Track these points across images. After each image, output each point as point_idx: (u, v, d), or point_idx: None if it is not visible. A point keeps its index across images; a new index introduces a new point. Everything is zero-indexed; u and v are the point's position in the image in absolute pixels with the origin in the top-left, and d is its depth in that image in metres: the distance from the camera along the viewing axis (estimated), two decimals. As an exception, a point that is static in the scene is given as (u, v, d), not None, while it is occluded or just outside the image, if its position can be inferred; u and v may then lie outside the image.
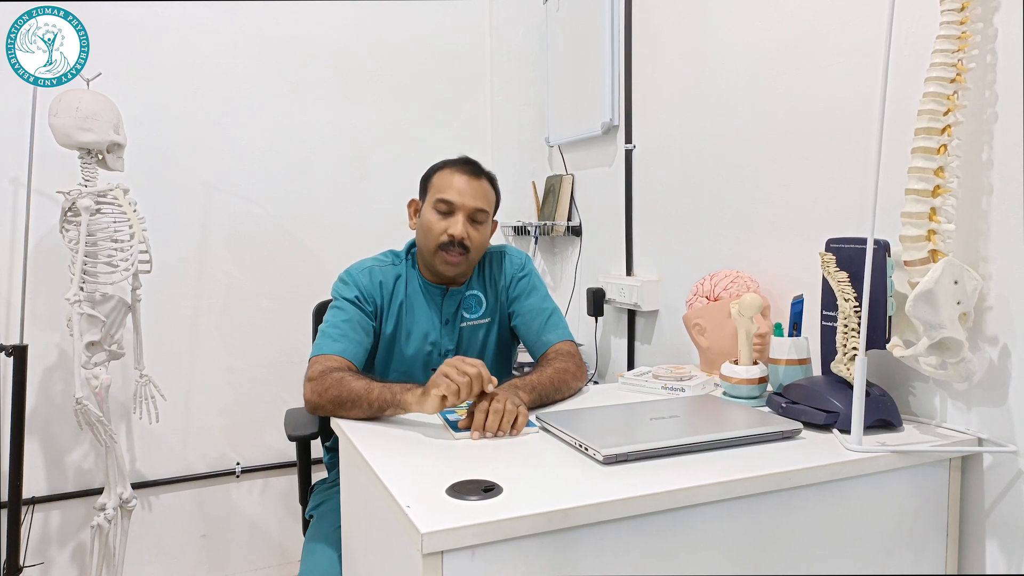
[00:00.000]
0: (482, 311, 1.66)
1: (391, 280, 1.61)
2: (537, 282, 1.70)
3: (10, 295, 2.17)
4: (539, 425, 1.24)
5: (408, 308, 1.61)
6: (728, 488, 1.00)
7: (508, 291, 1.68)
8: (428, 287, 1.63)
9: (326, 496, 1.65)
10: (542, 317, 1.64)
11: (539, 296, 1.68)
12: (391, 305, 1.60)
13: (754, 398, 1.39)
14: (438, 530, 0.85)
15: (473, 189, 1.57)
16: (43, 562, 2.25)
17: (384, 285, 1.60)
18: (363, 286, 1.58)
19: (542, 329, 1.63)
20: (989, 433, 1.18)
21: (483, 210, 1.58)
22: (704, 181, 1.86)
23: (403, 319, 1.61)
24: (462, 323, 1.64)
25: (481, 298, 1.66)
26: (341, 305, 1.56)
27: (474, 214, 1.57)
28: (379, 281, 1.60)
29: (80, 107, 1.89)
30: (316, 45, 2.52)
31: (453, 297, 1.64)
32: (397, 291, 1.61)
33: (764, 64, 1.64)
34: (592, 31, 2.29)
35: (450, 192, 1.56)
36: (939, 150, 1.13)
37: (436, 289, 1.63)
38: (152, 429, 2.27)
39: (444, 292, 1.63)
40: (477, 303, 1.66)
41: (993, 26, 1.15)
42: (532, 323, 1.64)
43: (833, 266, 1.25)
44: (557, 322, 1.65)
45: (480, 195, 1.58)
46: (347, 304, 1.55)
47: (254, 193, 2.46)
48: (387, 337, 1.60)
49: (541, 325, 1.63)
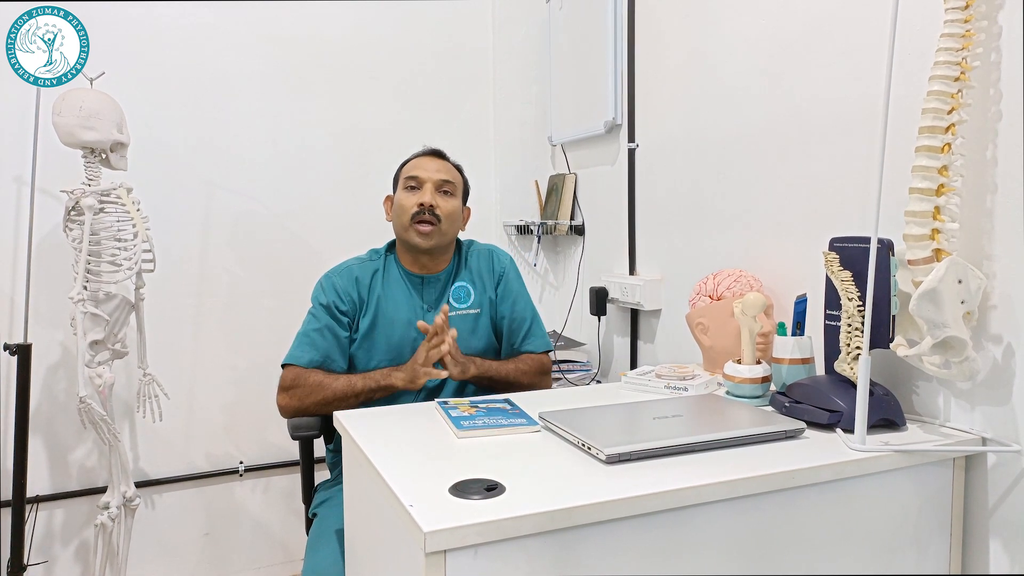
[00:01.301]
0: (471, 301, 1.75)
1: (368, 276, 1.73)
2: (520, 287, 1.82)
3: (14, 294, 2.17)
4: (542, 424, 1.24)
5: (386, 299, 1.71)
6: (731, 487, 1.00)
7: (496, 289, 1.78)
8: (408, 276, 1.74)
9: (329, 495, 1.66)
10: (524, 325, 1.78)
11: (521, 304, 1.80)
12: (369, 299, 1.71)
13: (757, 397, 1.39)
14: (441, 529, 0.85)
15: (438, 166, 1.73)
16: (47, 560, 2.26)
17: (360, 281, 1.72)
18: (340, 287, 1.70)
19: (522, 336, 1.77)
20: (993, 432, 1.18)
21: (449, 181, 1.72)
22: (707, 180, 1.86)
23: (382, 309, 1.71)
24: (451, 312, 1.70)
25: (470, 289, 1.76)
26: (315, 312, 1.70)
27: (440, 185, 1.70)
28: (355, 277, 1.72)
29: (83, 106, 1.89)
30: (319, 44, 2.52)
31: (433, 284, 1.74)
32: (374, 285, 1.72)
33: (767, 62, 1.63)
34: (595, 29, 2.28)
35: (416, 170, 1.71)
36: (943, 148, 1.13)
37: (416, 278, 1.74)
38: (155, 428, 2.27)
39: (423, 280, 1.74)
40: (466, 294, 1.75)
41: (997, 24, 1.14)
42: (512, 327, 1.78)
43: (836, 265, 1.25)
44: (536, 330, 1.80)
45: (445, 170, 1.73)
46: (320, 310, 1.69)
47: (257, 192, 2.46)
48: (367, 329, 1.70)
49: (522, 332, 1.78)
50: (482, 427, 1.22)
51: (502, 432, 1.21)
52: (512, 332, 1.77)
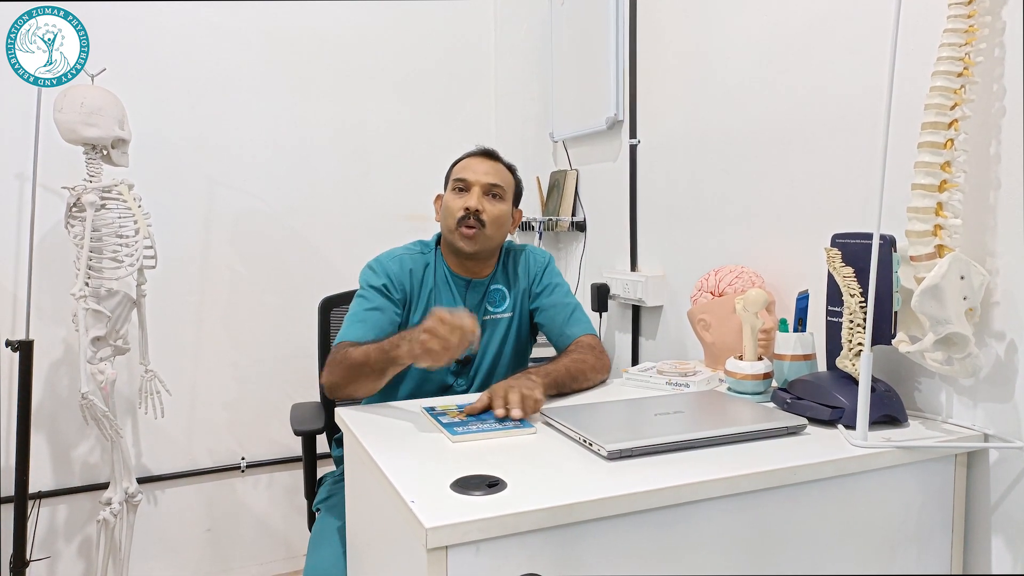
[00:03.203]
0: (506, 305, 1.69)
1: (420, 268, 1.65)
2: (560, 280, 1.75)
3: (16, 290, 2.17)
4: (543, 420, 1.24)
5: (436, 296, 1.65)
6: (733, 484, 1.00)
7: (532, 287, 1.71)
8: (453, 277, 1.67)
9: (333, 490, 1.66)
10: (566, 312, 1.69)
11: (562, 292, 1.72)
12: (421, 292, 1.64)
13: (759, 394, 1.39)
14: (442, 525, 0.85)
15: (487, 168, 1.64)
16: (49, 556, 2.26)
17: (414, 273, 1.64)
18: (393, 273, 1.61)
19: (565, 323, 1.67)
20: (995, 429, 1.17)
21: (498, 185, 1.63)
22: (709, 176, 1.85)
23: (432, 305, 1.63)
24: (485, 316, 1.66)
25: (505, 293, 1.70)
26: (365, 294, 1.59)
27: (489, 189, 1.62)
28: (409, 269, 1.63)
29: (85, 103, 1.89)
30: (320, 41, 2.51)
31: (476, 289, 1.67)
32: (427, 279, 1.65)
33: (769, 58, 1.63)
34: (596, 26, 2.28)
35: (465, 172, 1.63)
36: (946, 145, 1.12)
37: (461, 280, 1.67)
38: (157, 424, 2.28)
39: (468, 284, 1.67)
40: (501, 297, 1.69)
41: (1001, 19, 1.14)
42: (556, 318, 1.68)
43: (838, 261, 1.24)
44: (580, 317, 1.69)
45: (494, 173, 1.64)
46: (372, 292, 1.59)
47: (258, 189, 2.46)
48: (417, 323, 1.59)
49: (565, 320, 1.67)
50: (476, 431, 1.19)
51: (496, 435, 1.18)
52: (556, 320, 1.67)
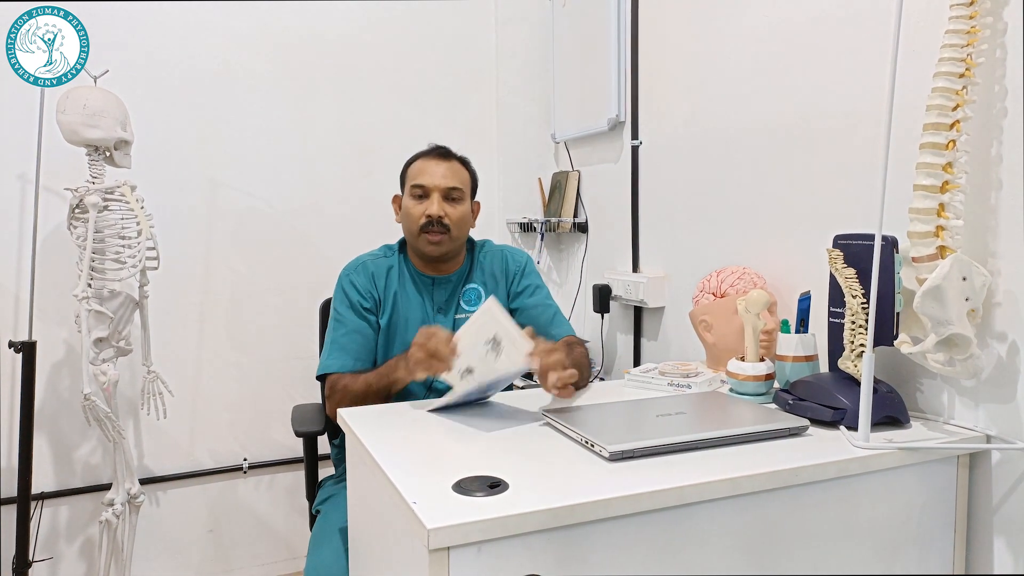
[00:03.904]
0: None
1: (383, 272, 1.69)
2: (541, 282, 1.76)
3: (18, 291, 2.17)
4: (545, 421, 1.24)
5: (402, 297, 1.68)
6: (735, 485, 1.00)
7: (511, 287, 1.73)
8: (418, 276, 1.70)
9: (333, 491, 1.66)
10: (548, 313, 1.71)
11: (544, 294, 1.74)
12: (386, 295, 1.67)
13: (761, 395, 1.38)
14: (444, 526, 0.85)
15: (444, 170, 1.66)
16: (52, 557, 2.27)
17: (377, 276, 1.68)
18: (360, 285, 1.65)
19: (550, 324, 1.68)
20: (997, 430, 1.17)
21: (456, 188, 1.65)
22: (711, 177, 1.85)
23: (398, 307, 1.67)
24: (459, 314, 1.68)
25: (481, 292, 1.71)
26: (340, 316, 1.64)
27: (448, 193, 1.64)
28: (371, 273, 1.67)
29: (87, 104, 1.89)
30: (322, 42, 2.52)
31: (443, 286, 1.70)
32: (390, 282, 1.68)
33: (770, 60, 1.63)
34: (598, 27, 2.28)
35: (422, 177, 1.65)
36: (947, 145, 1.12)
37: (426, 279, 1.70)
38: (160, 425, 2.28)
39: (433, 281, 1.69)
40: (477, 296, 1.70)
41: (1003, 20, 1.14)
42: (539, 319, 1.68)
43: (840, 262, 1.24)
44: (562, 319, 1.73)
45: (451, 175, 1.66)
46: (346, 313, 1.64)
47: (260, 190, 2.46)
48: (386, 326, 1.66)
49: (548, 321, 1.69)
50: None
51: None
52: (539, 321, 1.66)
